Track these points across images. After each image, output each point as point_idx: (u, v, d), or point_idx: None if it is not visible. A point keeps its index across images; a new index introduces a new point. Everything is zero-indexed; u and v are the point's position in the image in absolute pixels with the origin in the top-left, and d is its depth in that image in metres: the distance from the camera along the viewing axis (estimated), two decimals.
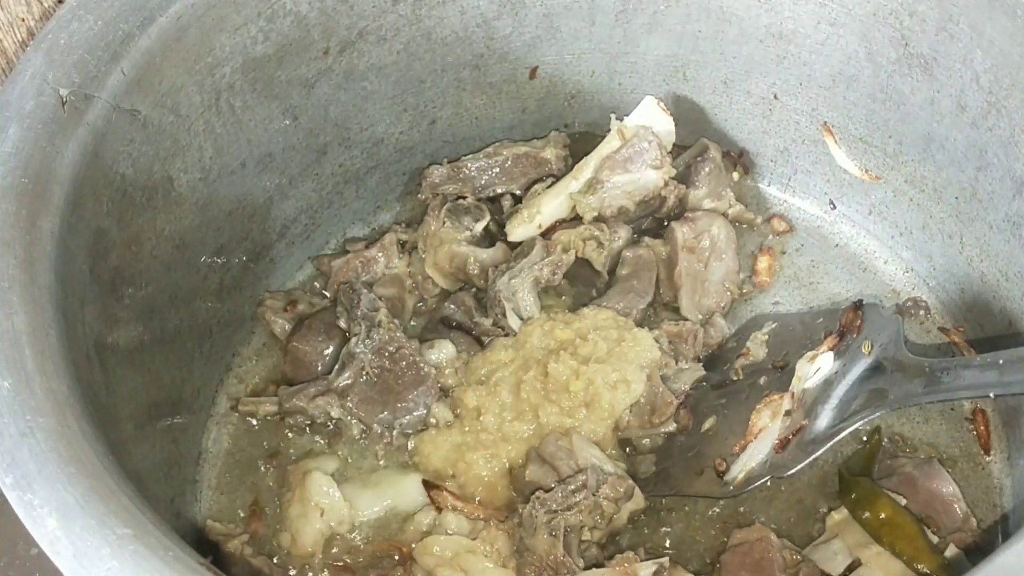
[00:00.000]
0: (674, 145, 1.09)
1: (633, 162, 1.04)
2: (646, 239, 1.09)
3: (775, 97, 1.09)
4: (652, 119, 1.06)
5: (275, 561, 0.92)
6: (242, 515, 0.97)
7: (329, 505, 0.93)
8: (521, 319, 1.02)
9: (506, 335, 1.02)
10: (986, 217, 0.97)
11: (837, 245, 1.13)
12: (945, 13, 0.92)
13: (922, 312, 1.06)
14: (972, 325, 1.04)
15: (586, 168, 1.06)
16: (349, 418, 0.97)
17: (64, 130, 0.77)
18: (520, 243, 1.07)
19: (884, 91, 1.01)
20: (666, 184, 1.05)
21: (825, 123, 1.08)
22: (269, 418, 1.01)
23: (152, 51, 0.84)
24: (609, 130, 1.07)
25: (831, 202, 1.14)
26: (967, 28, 0.91)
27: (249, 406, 1.01)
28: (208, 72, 0.90)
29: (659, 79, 1.12)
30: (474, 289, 1.07)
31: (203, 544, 0.94)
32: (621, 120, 1.07)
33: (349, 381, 0.97)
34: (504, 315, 1.01)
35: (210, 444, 1.01)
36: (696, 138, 1.13)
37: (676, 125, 1.08)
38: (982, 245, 0.98)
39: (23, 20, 0.89)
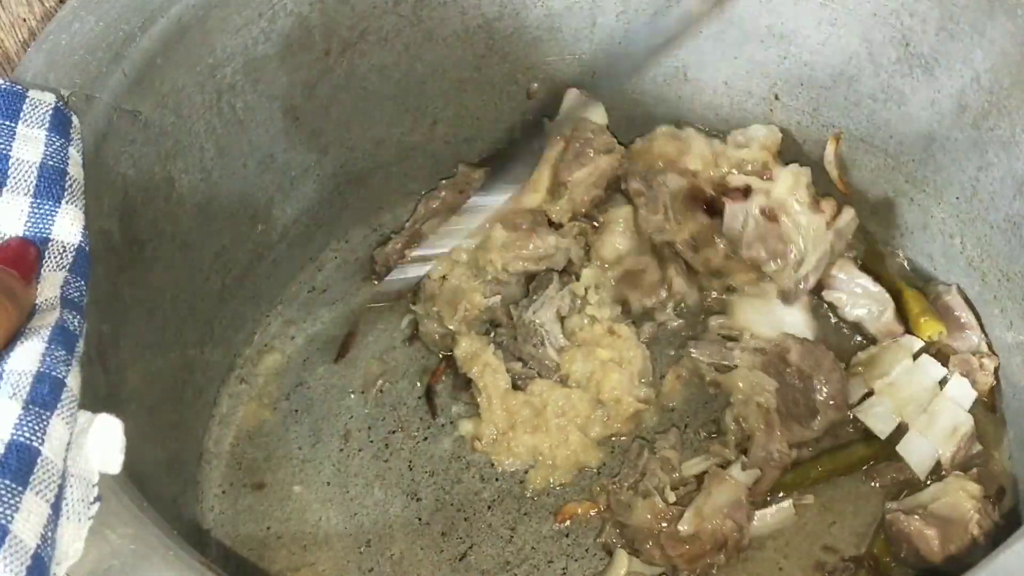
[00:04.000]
0: None
1: (584, 154, 1.05)
2: None
3: (776, 97, 1.09)
4: (583, 109, 1.07)
5: None
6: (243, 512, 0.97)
7: None
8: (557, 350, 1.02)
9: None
10: (987, 217, 0.96)
11: None
12: (946, 13, 0.92)
13: None
14: None
15: (541, 179, 1.06)
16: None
17: None
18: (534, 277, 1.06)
19: (885, 91, 1.01)
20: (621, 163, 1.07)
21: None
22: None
23: (153, 52, 0.84)
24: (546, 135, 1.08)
25: None
26: (968, 28, 0.91)
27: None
28: (209, 73, 0.90)
29: (660, 79, 1.12)
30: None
31: (204, 544, 0.94)
32: (551, 120, 1.07)
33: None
34: (542, 344, 1.01)
35: (212, 444, 1.02)
36: None
37: (679, 126, 1.08)
38: (983, 245, 0.98)
39: (24, 20, 0.90)
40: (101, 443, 0.63)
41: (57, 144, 0.72)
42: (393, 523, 0.96)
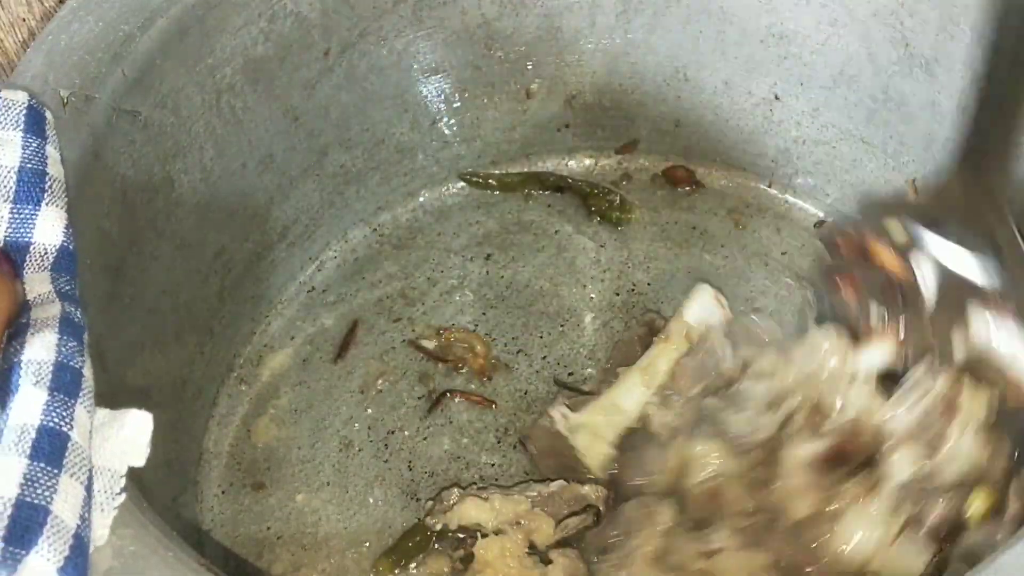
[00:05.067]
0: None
1: (706, 367, 0.93)
2: None
3: (776, 98, 1.09)
4: (708, 312, 0.97)
5: None
6: (243, 512, 0.97)
7: None
8: None
9: None
10: None
11: None
12: (946, 14, 0.92)
13: None
14: None
15: (655, 373, 0.95)
16: None
17: (65, 131, 0.77)
18: None
19: (885, 92, 1.01)
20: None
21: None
22: None
23: (153, 52, 0.84)
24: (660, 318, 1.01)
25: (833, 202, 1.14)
26: (968, 29, 0.91)
27: None
28: (209, 73, 0.90)
29: (660, 80, 1.12)
30: None
31: (204, 544, 0.94)
32: (681, 318, 0.97)
33: None
34: None
35: (211, 445, 1.02)
36: (696, 140, 1.13)
37: (677, 126, 1.08)
38: None
39: (24, 20, 0.90)
40: (131, 436, 0.64)
41: (34, 145, 0.72)
42: (393, 523, 0.96)
